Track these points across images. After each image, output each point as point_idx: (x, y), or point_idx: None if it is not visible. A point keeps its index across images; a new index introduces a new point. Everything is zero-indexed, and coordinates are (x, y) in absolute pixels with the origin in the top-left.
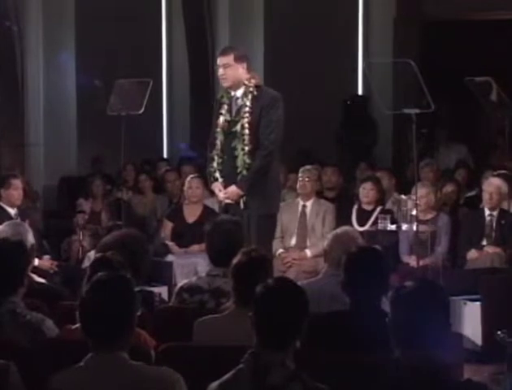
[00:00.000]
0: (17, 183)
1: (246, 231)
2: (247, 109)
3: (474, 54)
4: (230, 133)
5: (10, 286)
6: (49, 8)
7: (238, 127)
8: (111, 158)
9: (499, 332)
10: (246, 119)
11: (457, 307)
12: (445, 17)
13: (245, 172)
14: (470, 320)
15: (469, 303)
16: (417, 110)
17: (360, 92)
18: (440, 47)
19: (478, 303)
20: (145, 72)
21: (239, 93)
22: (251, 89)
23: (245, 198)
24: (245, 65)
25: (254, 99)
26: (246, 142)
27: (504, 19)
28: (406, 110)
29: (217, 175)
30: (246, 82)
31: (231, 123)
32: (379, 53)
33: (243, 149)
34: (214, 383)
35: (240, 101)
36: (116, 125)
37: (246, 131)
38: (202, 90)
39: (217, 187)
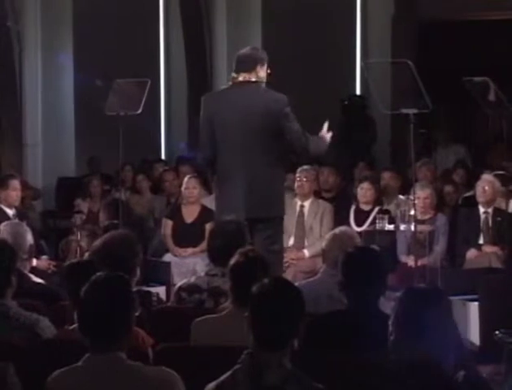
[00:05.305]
0: (15, 183)
1: None
2: None
3: (472, 53)
4: None
5: None
6: (47, 8)
7: None
8: (109, 158)
9: (497, 332)
10: None
11: (455, 307)
12: (443, 17)
13: None
14: (469, 320)
15: (467, 303)
16: (415, 110)
17: (358, 91)
18: (439, 47)
19: (476, 303)
20: (143, 72)
21: None
22: None
23: None
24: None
25: None
26: None
27: (502, 19)
28: (404, 110)
29: None
30: None
31: None
32: (377, 53)
33: None
34: (212, 384)
35: None
36: (114, 125)
37: None
38: (200, 90)
39: None
